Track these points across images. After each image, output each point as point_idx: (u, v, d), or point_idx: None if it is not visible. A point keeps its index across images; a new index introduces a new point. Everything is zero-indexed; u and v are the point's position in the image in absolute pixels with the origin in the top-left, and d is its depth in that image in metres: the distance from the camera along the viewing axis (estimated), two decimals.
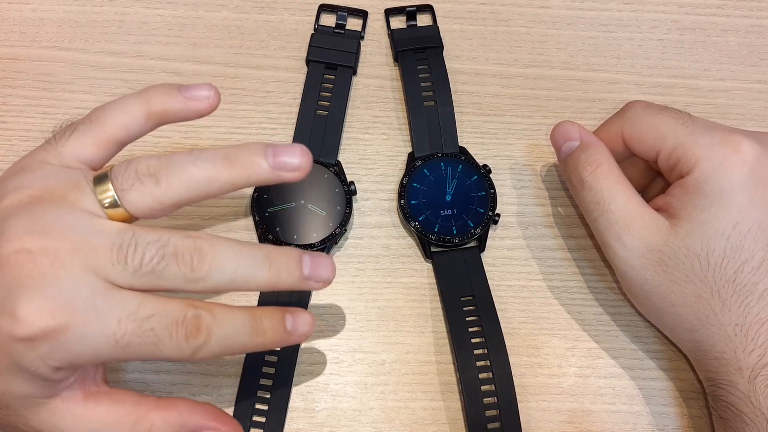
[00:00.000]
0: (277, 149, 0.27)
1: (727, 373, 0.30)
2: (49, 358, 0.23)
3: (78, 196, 0.25)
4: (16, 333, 0.23)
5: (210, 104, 0.28)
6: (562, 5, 0.43)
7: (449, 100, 0.39)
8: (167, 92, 0.28)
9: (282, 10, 0.42)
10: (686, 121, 0.31)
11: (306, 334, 0.28)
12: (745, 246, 0.29)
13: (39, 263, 0.23)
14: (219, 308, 0.26)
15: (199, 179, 0.26)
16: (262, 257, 0.26)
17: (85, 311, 0.23)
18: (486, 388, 0.33)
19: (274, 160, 0.26)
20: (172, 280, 0.25)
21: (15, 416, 0.25)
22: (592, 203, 0.32)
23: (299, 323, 0.27)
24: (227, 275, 0.25)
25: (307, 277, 0.27)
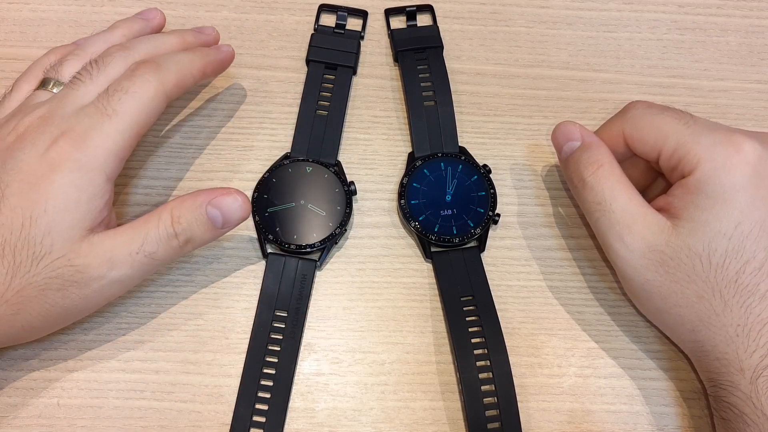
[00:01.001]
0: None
1: (729, 373, 0.30)
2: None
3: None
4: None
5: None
6: (562, 5, 0.43)
7: (449, 100, 0.39)
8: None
9: (282, 10, 0.42)
10: (688, 121, 0.31)
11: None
12: (746, 246, 0.29)
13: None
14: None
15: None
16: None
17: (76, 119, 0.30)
18: (486, 388, 0.33)
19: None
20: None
21: (58, 262, 0.28)
22: (594, 203, 0.32)
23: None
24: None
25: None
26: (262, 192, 0.36)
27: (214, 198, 0.31)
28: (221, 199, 0.31)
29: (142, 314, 0.35)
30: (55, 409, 0.33)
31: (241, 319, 0.35)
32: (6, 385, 0.33)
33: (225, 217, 0.31)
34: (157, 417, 0.33)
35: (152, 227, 0.30)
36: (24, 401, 0.33)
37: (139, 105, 0.30)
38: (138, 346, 0.34)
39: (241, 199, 0.31)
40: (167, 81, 0.31)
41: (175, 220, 0.30)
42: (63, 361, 0.33)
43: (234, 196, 0.31)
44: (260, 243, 0.36)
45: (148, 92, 0.31)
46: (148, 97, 0.31)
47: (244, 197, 0.31)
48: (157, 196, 0.37)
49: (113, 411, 0.33)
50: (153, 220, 0.30)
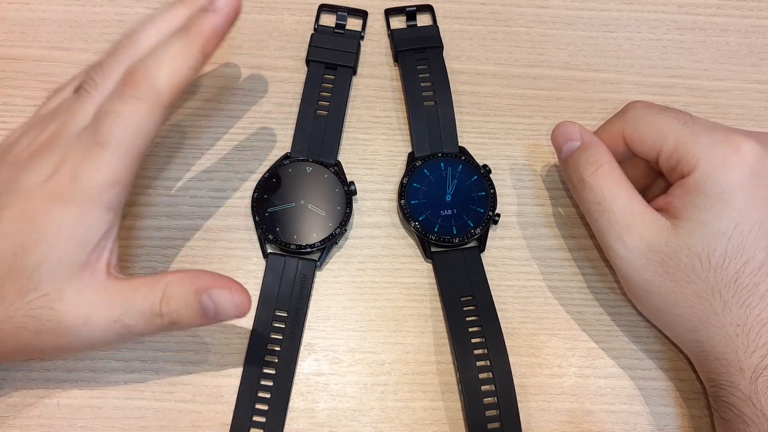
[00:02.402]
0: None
1: (729, 373, 0.30)
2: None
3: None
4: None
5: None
6: (562, 5, 0.43)
7: (449, 100, 0.39)
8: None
9: (282, 10, 0.42)
10: (687, 121, 0.31)
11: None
12: (746, 246, 0.29)
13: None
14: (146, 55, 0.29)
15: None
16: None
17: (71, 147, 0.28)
18: (486, 388, 0.33)
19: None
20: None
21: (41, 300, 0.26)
22: (593, 203, 0.32)
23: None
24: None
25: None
26: (262, 192, 0.36)
27: (212, 288, 0.28)
28: (219, 293, 0.28)
29: None
30: (55, 409, 0.33)
31: (241, 319, 0.35)
32: (6, 385, 0.33)
33: (217, 311, 0.28)
34: (157, 417, 0.33)
35: (138, 299, 0.27)
36: (24, 401, 0.33)
37: (133, 129, 0.27)
38: (138, 346, 0.34)
39: (239, 300, 0.28)
40: (162, 92, 0.28)
41: (165, 301, 0.27)
42: (63, 361, 0.33)
43: (232, 293, 0.28)
44: (260, 243, 0.36)
45: (141, 112, 0.27)
46: (142, 118, 0.28)
47: (244, 295, 0.28)
48: (158, 196, 0.37)
49: (113, 411, 0.33)
50: (142, 290, 0.28)
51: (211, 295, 0.28)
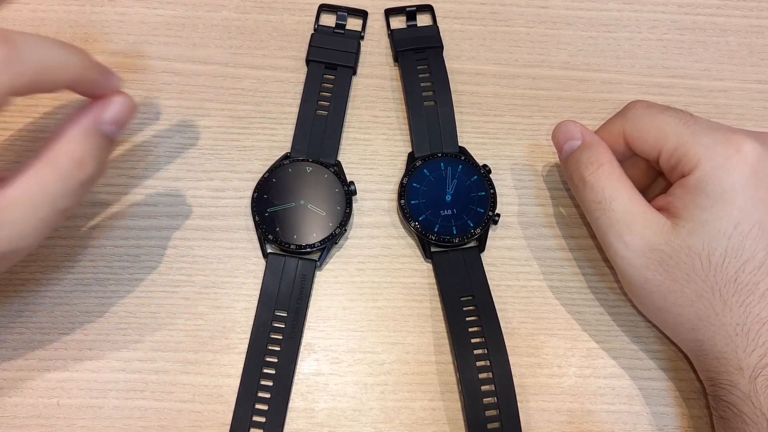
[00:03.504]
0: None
1: (728, 373, 0.30)
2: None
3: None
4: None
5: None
6: (562, 5, 0.43)
7: (449, 100, 0.39)
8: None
9: (282, 10, 0.42)
10: (688, 120, 0.31)
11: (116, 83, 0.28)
12: (746, 246, 0.29)
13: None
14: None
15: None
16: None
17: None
18: (486, 388, 0.33)
19: None
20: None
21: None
22: (594, 203, 0.32)
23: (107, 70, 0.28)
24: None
25: None
26: (262, 192, 0.36)
27: (105, 114, 0.27)
28: (115, 112, 0.27)
29: (142, 314, 0.35)
30: (55, 409, 0.33)
31: (241, 319, 0.35)
32: (6, 385, 0.33)
33: (120, 125, 0.27)
34: (157, 417, 0.33)
35: (57, 182, 0.26)
36: (24, 401, 0.33)
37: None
38: (138, 346, 0.34)
39: (125, 100, 0.27)
40: (18, 79, 0.24)
41: (80, 163, 0.26)
42: (63, 360, 0.33)
43: (118, 102, 0.27)
44: (260, 243, 0.36)
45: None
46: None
47: (123, 96, 0.28)
48: (158, 196, 0.37)
49: (113, 411, 0.33)
50: (51, 172, 0.26)
51: (106, 123, 0.27)
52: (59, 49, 0.26)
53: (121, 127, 0.28)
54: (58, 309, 0.34)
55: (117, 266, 0.35)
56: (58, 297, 0.35)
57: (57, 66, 0.25)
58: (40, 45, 0.25)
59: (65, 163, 0.26)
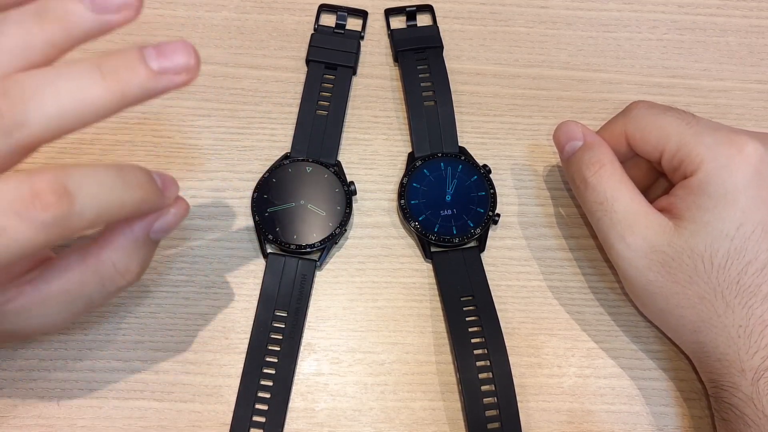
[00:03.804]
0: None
1: (730, 374, 0.30)
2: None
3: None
4: None
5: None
6: (562, 5, 0.43)
7: (449, 100, 0.39)
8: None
9: (282, 10, 0.42)
10: (690, 121, 0.31)
11: (175, 194, 0.25)
12: (748, 247, 0.29)
13: None
14: (73, 166, 0.21)
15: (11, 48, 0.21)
16: (89, 66, 0.21)
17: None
18: (486, 388, 0.33)
19: (92, 3, 0.21)
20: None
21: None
22: (596, 203, 0.32)
23: (168, 183, 0.25)
24: (50, 105, 0.20)
25: (159, 71, 0.22)
26: (262, 192, 0.36)
27: (157, 223, 0.25)
28: (167, 223, 0.25)
29: (142, 314, 0.35)
30: (55, 409, 0.33)
31: (241, 319, 0.35)
32: (6, 385, 0.33)
33: (169, 231, 0.26)
34: (157, 417, 0.33)
35: (96, 286, 0.25)
36: (24, 401, 0.33)
37: (9, 253, 0.21)
38: (138, 346, 0.34)
39: (179, 210, 0.26)
40: (70, 231, 0.21)
41: (123, 273, 0.25)
42: (63, 360, 0.33)
43: (173, 214, 0.26)
44: (260, 243, 0.36)
45: (32, 241, 0.20)
46: (29, 246, 0.21)
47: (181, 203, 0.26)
48: None
49: (113, 411, 0.33)
50: (93, 276, 0.24)
51: (155, 232, 0.25)
52: (119, 191, 0.22)
53: (170, 231, 0.26)
54: None
55: None
56: None
57: (115, 210, 0.23)
58: (99, 194, 0.22)
59: (109, 272, 0.25)
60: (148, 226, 0.25)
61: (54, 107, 0.20)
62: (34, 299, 0.24)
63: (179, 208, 0.26)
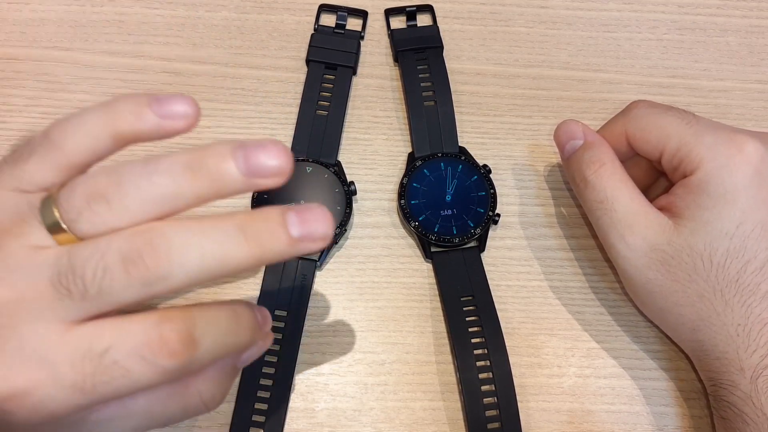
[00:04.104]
0: (249, 151, 0.22)
1: (729, 373, 0.30)
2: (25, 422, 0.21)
3: (23, 228, 0.22)
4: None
5: (188, 123, 0.23)
6: (562, 5, 0.43)
7: (449, 100, 0.39)
8: (136, 109, 0.23)
9: (282, 10, 0.42)
10: (690, 120, 0.31)
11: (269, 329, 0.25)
12: (748, 246, 0.29)
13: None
14: (199, 310, 0.22)
15: (157, 197, 0.21)
16: (233, 229, 0.21)
17: (39, 368, 0.20)
18: (486, 388, 0.33)
19: (246, 166, 0.21)
20: (129, 291, 0.20)
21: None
22: (596, 202, 0.32)
23: (266, 320, 0.25)
24: (194, 263, 0.21)
25: (299, 239, 0.22)
26: (262, 192, 0.36)
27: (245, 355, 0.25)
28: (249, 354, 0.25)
29: None
30: None
31: None
32: None
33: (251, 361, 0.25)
34: None
35: (175, 411, 0.24)
36: None
37: (125, 391, 0.21)
38: None
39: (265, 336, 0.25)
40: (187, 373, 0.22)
41: (208, 402, 0.24)
42: None
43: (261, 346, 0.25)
44: None
45: (151, 382, 0.21)
46: (146, 386, 0.21)
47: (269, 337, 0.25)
48: None
49: None
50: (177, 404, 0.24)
51: (244, 362, 0.25)
52: (235, 336, 0.23)
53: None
54: None
55: None
56: None
57: (229, 353, 0.23)
58: (219, 340, 0.22)
59: (194, 402, 0.24)
60: (238, 358, 0.25)
61: (197, 266, 0.21)
62: (118, 413, 0.23)
63: (266, 341, 0.25)
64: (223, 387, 0.25)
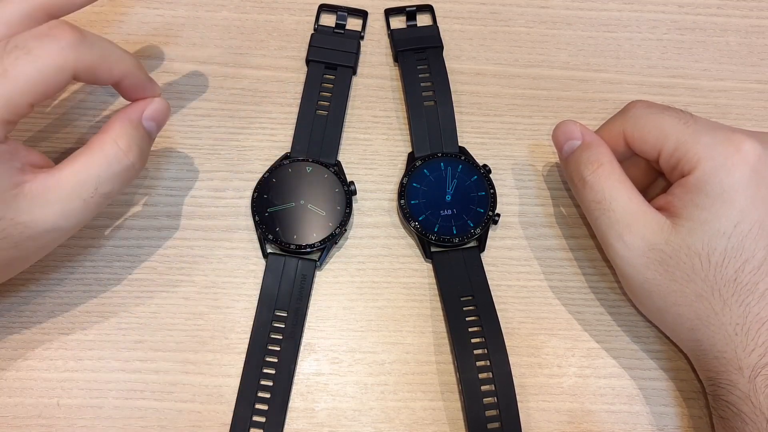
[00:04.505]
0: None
1: (728, 372, 0.30)
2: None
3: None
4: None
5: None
6: (562, 5, 0.43)
7: (449, 100, 0.39)
8: None
9: (282, 10, 0.42)
10: (688, 120, 0.31)
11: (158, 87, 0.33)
12: (745, 246, 0.29)
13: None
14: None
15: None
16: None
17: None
18: (486, 388, 0.33)
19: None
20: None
21: (4, 224, 0.27)
22: (594, 202, 0.32)
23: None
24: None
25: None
26: (262, 192, 0.36)
27: (146, 111, 0.31)
28: (154, 109, 0.31)
29: (142, 314, 0.35)
30: (55, 409, 0.33)
31: (241, 319, 0.35)
32: (6, 385, 0.33)
33: (158, 124, 0.32)
34: (157, 417, 0.33)
35: (103, 165, 0.29)
36: (24, 401, 0.33)
37: (39, 75, 0.27)
38: (138, 346, 0.34)
39: (162, 104, 0.32)
40: (83, 60, 0.28)
41: (126, 150, 0.29)
42: (63, 360, 0.33)
43: (159, 101, 0.32)
44: (260, 243, 0.36)
45: (56, 62, 0.27)
46: (53, 68, 0.27)
47: (161, 102, 0.32)
48: (158, 196, 0.37)
49: (113, 411, 0.33)
50: (98, 156, 0.29)
51: (149, 117, 0.31)
52: (118, 48, 0.30)
53: (159, 125, 0.32)
54: (58, 309, 0.34)
55: (117, 266, 0.35)
56: (58, 297, 0.35)
57: (114, 59, 0.29)
58: (103, 40, 0.29)
59: (111, 149, 0.29)
60: (139, 111, 0.31)
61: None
62: (47, 183, 0.27)
63: (161, 99, 0.32)
64: (136, 138, 0.30)
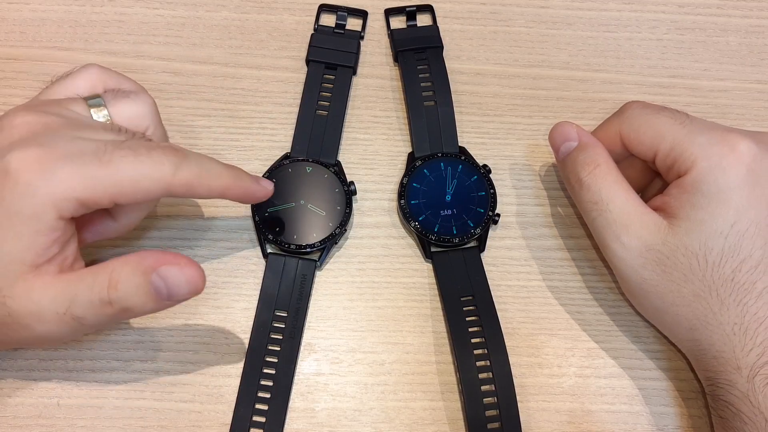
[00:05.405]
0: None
1: (726, 372, 0.30)
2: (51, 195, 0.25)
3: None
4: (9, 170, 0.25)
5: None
6: (562, 5, 0.43)
7: (449, 100, 0.39)
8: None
9: (282, 10, 0.42)
10: (684, 120, 0.31)
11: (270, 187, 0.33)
12: (743, 245, 0.29)
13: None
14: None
15: None
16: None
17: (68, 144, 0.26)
18: (486, 388, 0.33)
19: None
20: None
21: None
22: (591, 203, 0.32)
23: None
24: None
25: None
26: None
27: (161, 266, 0.26)
28: (167, 270, 0.26)
29: None
30: (55, 409, 0.33)
31: (241, 319, 0.35)
32: (6, 385, 0.33)
33: (170, 291, 0.26)
34: (157, 417, 0.33)
35: (84, 289, 0.26)
36: (24, 401, 0.33)
37: (138, 176, 0.26)
38: (138, 346, 0.34)
39: (190, 274, 0.27)
40: (180, 177, 0.27)
41: (112, 286, 0.26)
42: (63, 360, 0.33)
43: (182, 268, 0.26)
44: (260, 243, 0.36)
45: (155, 173, 0.27)
46: (151, 178, 0.27)
47: (194, 269, 0.27)
48: None
49: (113, 411, 0.33)
50: (87, 279, 0.26)
51: (160, 274, 0.26)
52: (217, 165, 0.29)
53: (170, 293, 0.27)
54: None
55: None
56: None
57: (213, 176, 0.29)
58: (203, 158, 0.29)
59: (100, 282, 0.26)
60: (153, 264, 0.27)
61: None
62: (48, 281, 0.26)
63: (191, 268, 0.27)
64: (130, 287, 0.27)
